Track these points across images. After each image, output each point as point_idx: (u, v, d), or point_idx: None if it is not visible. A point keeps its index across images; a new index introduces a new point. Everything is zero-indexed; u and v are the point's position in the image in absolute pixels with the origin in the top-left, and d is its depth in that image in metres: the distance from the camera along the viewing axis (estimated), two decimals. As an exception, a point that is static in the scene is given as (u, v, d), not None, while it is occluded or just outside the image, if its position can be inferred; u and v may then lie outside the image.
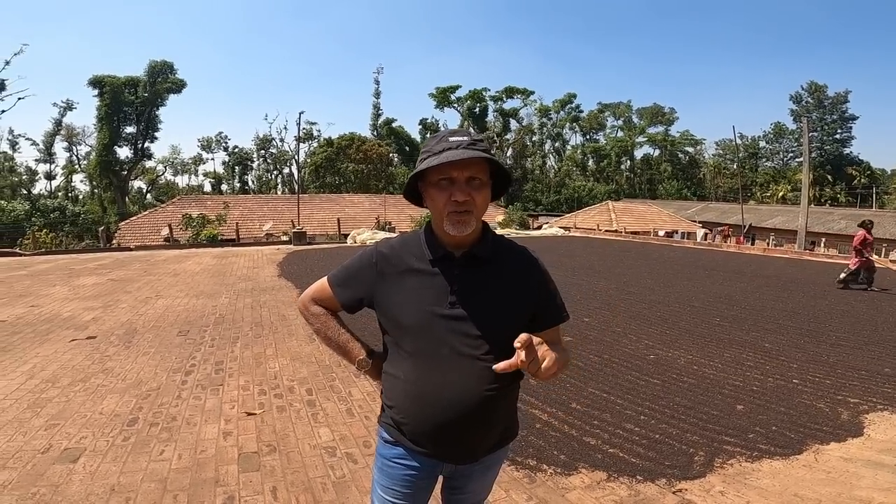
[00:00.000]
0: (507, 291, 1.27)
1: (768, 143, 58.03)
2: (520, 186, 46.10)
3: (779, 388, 4.11)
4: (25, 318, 6.46)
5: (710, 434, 3.24)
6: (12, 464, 2.74)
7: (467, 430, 1.23)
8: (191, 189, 56.24)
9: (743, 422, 3.45)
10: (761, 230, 29.73)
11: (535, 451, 2.96)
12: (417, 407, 1.25)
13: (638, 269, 11.53)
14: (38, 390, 3.89)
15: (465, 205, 1.19)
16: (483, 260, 1.27)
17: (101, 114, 35.53)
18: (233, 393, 3.86)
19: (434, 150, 1.20)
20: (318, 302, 1.42)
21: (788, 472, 2.81)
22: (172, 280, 9.71)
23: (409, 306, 1.25)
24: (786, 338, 5.70)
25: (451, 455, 1.28)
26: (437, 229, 1.27)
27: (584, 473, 2.73)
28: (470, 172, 1.19)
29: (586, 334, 5.70)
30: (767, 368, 4.63)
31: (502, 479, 2.67)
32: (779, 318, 6.67)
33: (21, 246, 16.99)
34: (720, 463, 2.87)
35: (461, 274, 1.25)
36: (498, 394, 1.24)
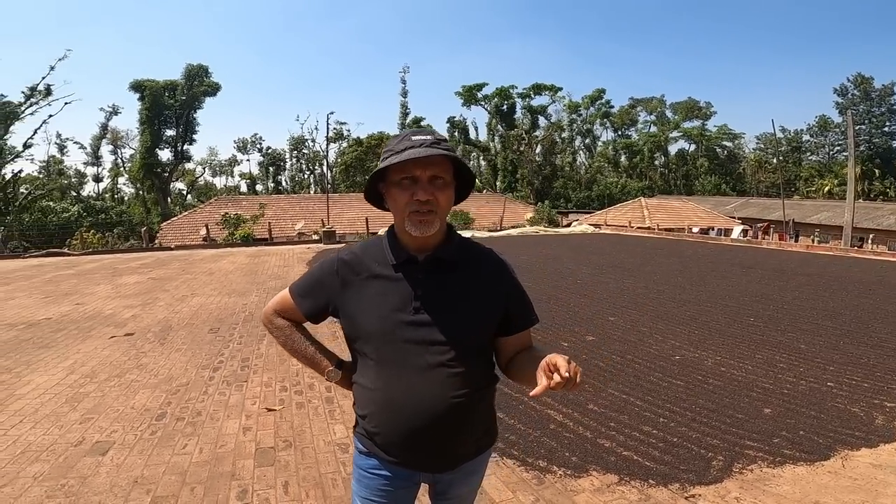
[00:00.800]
0: (473, 295, 1.24)
1: (812, 136, 55.42)
2: (549, 184, 45.54)
3: (811, 391, 3.95)
4: (70, 315, 6.83)
5: (732, 438, 3.14)
6: (45, 456, 2.90)
7: (438, 438, 1.20)
8: (227, 190, 58.04)
9: (769, 426, 3.32)
10: (805, 226, 28.46)
11: (547, 452, 2.94)
12: (385, 416, 1.22)
13: (669, 266, 11.23)
14: (77, 385, 4.11)
15: (428, 204, 1.15)
16: (448, 263, 1.24)
17: (143, 117, 37.01)
18: (256, 389, 3.99)
19: (396, 148, 1.16)
20: (282, 314, 1.39)
21: (811, 478, 2.70)
22: (207, 279, 10.06)
23: (372, 313, 1.22)
24: (824, 339, 5.46)
25: (424, 464, 1.25)
26: (400, 232, 1.24)
27: (594, 476, 2.70)
28: (433, 171, 1.15)
29: (610, 334, 5.60)
30: (801, 370, 4.44)
31: (510, 479, 2.67)
32: (818, 318, 6.38)
33: (69, 246, 17.92)
34: (739, 468, 2.78)
35: (425, 278, 1.22)
36: (468, 400, 1.21)
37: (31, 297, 8.29)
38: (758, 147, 59.13)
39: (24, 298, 8.14)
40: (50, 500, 2.44)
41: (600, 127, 56.83)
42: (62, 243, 19.06)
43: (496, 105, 47.89)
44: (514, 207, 29.40)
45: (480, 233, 20.99)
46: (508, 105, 48.02)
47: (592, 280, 9.28)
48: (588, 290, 8.33)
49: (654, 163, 55.30)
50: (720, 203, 37.75)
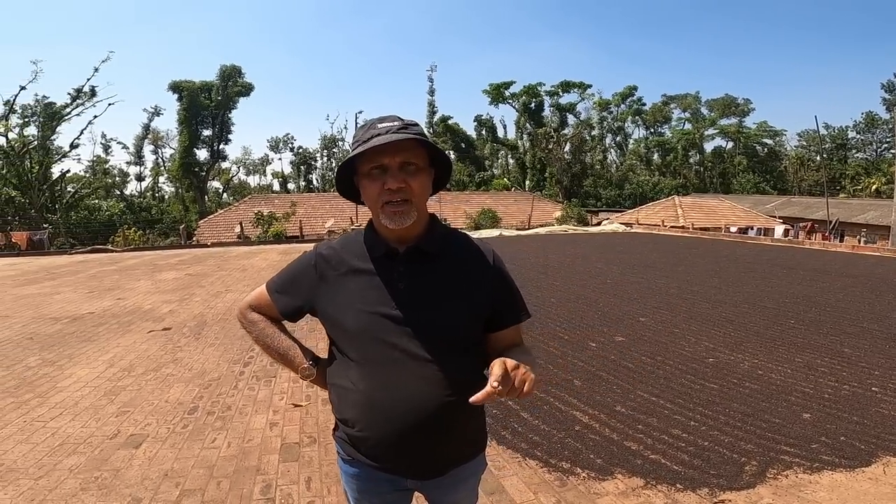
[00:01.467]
0: (459, 288, 1.17)
1: (859, 133, 52.85)
2: (579, 182, 44.86)
3: (854, 397, 3.76)
4: (111, 310, 7.11)
5: (768, 443, 3.02)
6: (82, 449, 3.01)
7: (425, 441, 1.13)
8: (261, 188, 59.47)
9: (808, 431, 3.18)
10: (851, 226, 27.14)
11: (571, 454, 2.89)
12: (371, 418, 1.14)
13: (704, 266, 10.89)
14: (116, 378, 4.27)
15: (400, 192, 1.09)
16: (430, 255, 1.17)
17: (181, 117, 38.24)
18: (283, 385, 4.06)
19: (362, 138, 1.10)
20: (256, 310, 1.34)
21: (850, 485, 2.58)
22: (241, 275, 10.33)
23: (352, 309, 1.15)
24: (869, 342, 5.19)
25: (412, 469, 1.18)
26: (377, 224, 1.18)
27: (619, 479, 2.63)
28: (402, 157, 1.09)
29: (640, 334, 5.47)
30: (844, 375, 4.24)
31: (532, 480, 2.63)
32: (863, 321, 6.08)
33: (112, 243, 18.71)
34: (773, 474, 2.67)
35: (406, 271, 1.15)
36: (457, 400, 1.12)
37: (75, 291, 8.69)
38: (800, 144, 56.82)
39: (69, 293, 8.53)
40: (83, 493, 2.53)
41: (632, 124, 55.72)
42: (106, 240, 19.92)
43: (524, 103, 47.45)
44: (542, 206, 29.10)
45: (508, 231, 20.86)
46: (536, 103, 47.53)
47: (623, 280, 9.09)
48: (618, 289, 8.16)
49: (688, 161, 53.81)
50: (759, 202, 36.41)
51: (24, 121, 29.82)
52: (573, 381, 4.06)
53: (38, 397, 3.85)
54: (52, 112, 29.02)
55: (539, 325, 5.86)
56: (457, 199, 28.19)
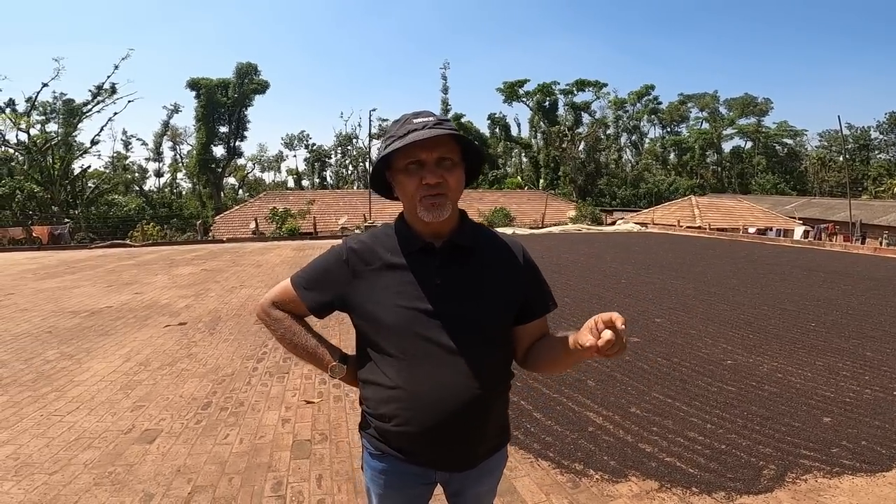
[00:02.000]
0: (493, 281, 1.19)
1: (882, 133, 51.56)
2: (593, 181, 44.45)
3: (877, 401, 3.66)
4: (129, 304, 7.22)
5: (787, 447, 2.95)
6: (97, 443, 3.04)
7: (461, 433, 1.15)
8: (275, 185, 60.01)
9: (828, 435, 3.11)
10: (873, 228, 26.52)
11: (584, 455, 2.85)
12: (411, 413, 1.14)
13: (721, 267, 10.71)
14: (132, 373, 4.32)
15: (438, 187, 1.10)
16: (465, 249, 1.18)
17: (199, 115, 38.73)
18: (296, 381, 4.07)
19: (398, 133, 1.11)
20: (280, 306, 1.28)
21: (870, 489, 2.52)
22: (255, 271, 10.43)
23: (390, 305, 1.15)
24: (892, 346, 5.05)
25: (447, 462, 1.20)
26: (411, 219, 1.18)
27: (633, 481, 2.59)
28: (439, 153, 1.10)
29: (656, 335, 5.39)
30: (866, 379, 4.13)
31: (544, 481, 2.60)
32: (885, 325, 5.92)
33: (131, 238, 19.01)
34: (792, 478, 2.61)
35: (443, 266, 1.16)
36: (492, 393, 1.17)
37: (94, 285, 8.84)
38: (821, 144, 55.64)
39: (88, 287, 8.69)
40: (97, 488, 2.55)
41: (648, 123, 55.07)
42: (125, 235, 20.25)
43: (538, 101, 47.15)
44: (556, 205, 28.91)
45: (521, 230, 20.76)
46: (551, 101, 47.18)
47: (638, 280, 8.98)
48: (633, 290, 8.06)
49: (705, 160, 53.03)
50: (779, 203, 35.75)
51: (44, 117, 30.44)
52: (587, 382, 4.01)
53: (56, 391, 3.90)
54: (71, 109, 29.55)
55: (553, 324, 5.71)
56: (470, 196, 28.09)
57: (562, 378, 4.06)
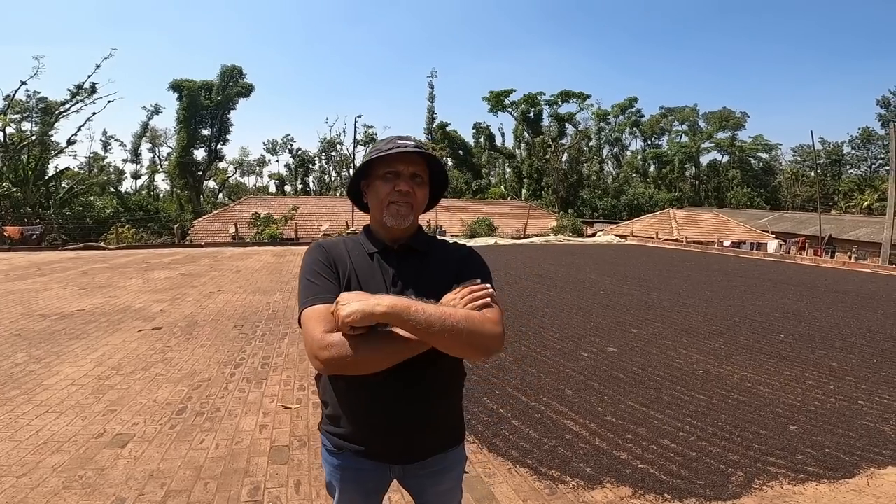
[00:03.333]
0: (441, 277, 1.28)
1: (855, 148, 53.45)
2: (575, 192, 45.04)
3: (841, 410, 3.81)
4: (102, 308, 7.06)
5: (754, 454, 3.05)
6: (67, 447, 2.97)
7: (411, 424, 1.25)
8: (257, 189, 59.32)
9: (794, 443, 3.22)
10: (843, 242, 27.42)
11: (561, 462, 2.89)
12: (357, 402, 1.25)
13: (696, 280, 10.96)
14: (104, 377, 4.23)
15: (407, 196, 1.26)
16: (419, 252, 1.33)
17: (180, 116, 38.02)
18: (274, 387, 4.04)
19: (384, 148, 1.27)
20: (334, 330, 1.13)
21: (834, 495, 2.62)
22: (234, 276, 10.29)
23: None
24: (857, 357, 5.25)
25: (397, 454, 1.27)
26: (376, 224, 1.33)
27: (608, 488, 2.64)
28: (414, 169, 1.27)
29: (632, 346, 5.49)
30: (831, 388, 4.28)
31: (522, 488, 2.63)
32: (851, 337, 6.14)
33: (105, 240, 18.57)
34: (759, 484, 2.70)
35: (399, 263, 1.30)
36: (441, 386, 1.28)
37: (66, 288, 8.62)
38: (794, 159, 57.42)
39: (59, 290, 8.47)
40: (66, 492, 2.50)
41: (629, 136, 56.09)
42: (99, 237, 19.77)
43: (523, 112, 47.62)
44: (538, 216, 29.19)
45: (503, 240, 20.90)
46: (535, 112, 47.69)
47: (616, 291, 9.13)
48: (611, 301, 8.19)
49: (684, 173, 54.21)
50: (753, 216, 36.72)
51: (19, 116, 29.62)
52: (565, 391, 4.07)
53: (24, 394, 3.81)
54: (47, 107, 28.82)
55: (532, 334, 5.87)
56: (453, 206, 28.22)
57: (540, 386, 4.12)
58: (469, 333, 1.11)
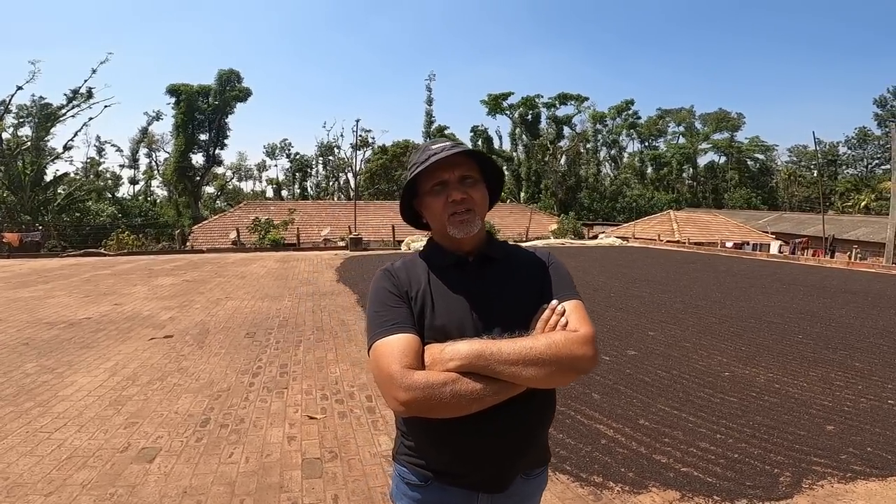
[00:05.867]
0: (529, 289, 1.20)
1: (851, 148, 53.80)
2: (573, 195, 45.09)
3: (873, 410, 3.76)
4: (109, 315, 6.96)
5: (797, 455, 3.00)
6: (93, 462, 2.87)
7: (512, 453, 1.14)
8: (255, 194, 59.17)
9: (834, 442, 3.18)
10: (843, 242, 27.51)
11: (601, 468, 2.82)
12: (451, 430, 1.08)
13: (704, 281, 10.92)
14: (120, 388, 4.13)
15: (464, 203, 1.15)
16: (497, 261, 1.22)
17: (178, 121, 37.86)
18: (296, 397, 3.95)
19: (420, 160, 1.17)
20: (414, 364, 1.05)
21: (886, 493, 2.58)
22: (240, 282, 10.19)
23: (436, 321, 1.14)
24: (878, 357, 5.20)
25: (491, 483, 1.15)
26: (442, 238, 1.22)
27: (654, 492, 2.58)
28: (461, 171, 1.16)
29: (652, 349, 5.43)
30: (860, 388, 4.23)
31: (566, 495, 2.56)
32: (869, 337, 6.09)
33: (106, 246, 18.42)
34: (809, 484, 2.66)
35: (479, 276, 1.19)
36: (545, 403, 1.18)
37: (70, 296, 8.50)
38: (790, 160, 57.72)
39: (63, 297, 8.35)
40: (99, 510, 2.40)
41: (627, 138, 56.24)
42: (98, 243, 19.62)
43: (521, 114, 47.72)
44: (538, 218, 29.18)
45: (506, 242, 20.82)
46: (533, 115, 47.79)
47: (626, 293, 9.07)
48: (622, 303, 8.14)
49: (682, 175, 54.38)
50: (752, 217, 36.84)
51: (18, 121, 29.43)
52: (592, 395, 4.00)
53: (39, 406, 3.70)
54: (45, 113, 28.66)
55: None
56: (453, 209, 28.18)
57: (566, 391, 4.04)
58: (555, 362, 1.04)
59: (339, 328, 6.32)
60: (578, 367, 1.07)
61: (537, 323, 1.12)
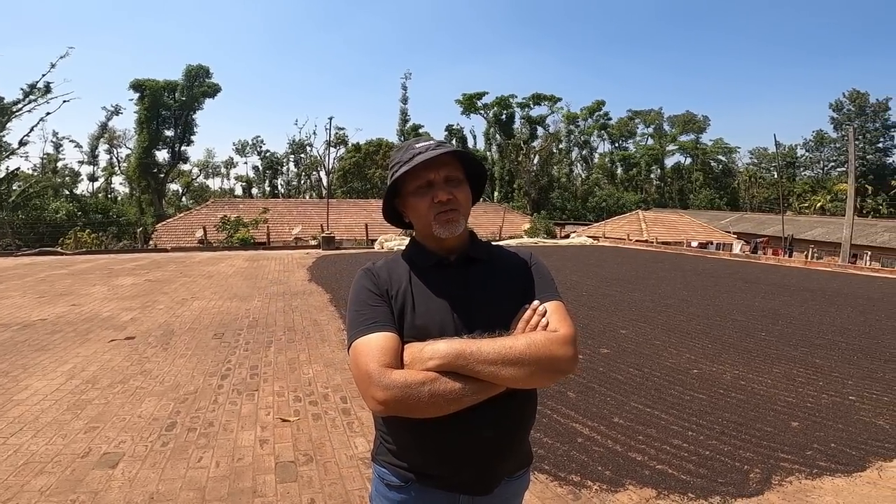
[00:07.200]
0: (510, 289, 1.19)
1: (808, 151, 56.18)
2: (546, 194, 45.62)
3: (835, 405, 3.91)
4: (66, 316, 6.64)
5: (765, 451, 3.09)
6: (51, 468, 2.73)
7: (495, 454, 1.12)
8: (223, 192, 57.68)
9: (799, 439, 3.28)
10: (800, 242, 28.72)
11: (579, 467, 2.84)
12: (431, 430, 1.06)
13: (672, 280, 11.20)
14: (79, 391, 3.94)
15: (450, 203, 1.14)
16: (479, 261, 1.21)
17: (141, 117, 36.58)
18: (268, 399, 3.85)
19: (403, 159, 1.15)
20: (389, 364, 1.03)
21: (852, 489, 2.67)
22: (207, 282, 9.89)
23: (410, 322, 1.12)
24: (837, 354, 5.42)
25: (473, 485, 1.14)
26: (425, 239, 1.21)
27: (631, 490, 2.61)
28: (446, 172, 1.15)
29: (624, 347, 5.52)
30: (821, 385, 4.39)
31: (545, 494, 2.56)
32: (827, 334, 6.35)
33: (63, 245, 17.62)
34: (778, 480, 2.74)
35: (461, 277, 1.18)
36: (527, 403, 1.17)
37: (24, 296, 8.09)
38: (751, 162, 59.87)
39: (17, 298, 7.94)
40: (61, 516, 2.28)
41: (598, 139, 57.26)
42: (54, 242, 18.75)
43: (495, 114, 47.99)
44: (511, 218, 29.40)
45: (479, 241, 20.89)
46: (507, 115, 48.11)
47: (598, 292, 9.21)
48: (595, 302, 8.25)
49: (650, 175, 55.71)
50: (715, 217, 38.03)
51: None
52: (567, 393, 4.03)
53: (-7, 411, 3.50)
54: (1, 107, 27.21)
55: (523, 335, 5.82)
56: (426, 208, 28.10)
57: (543, 390, 4.05)
58: (534, 362, 1.03)
59: (311, 328, 6.19)
60: (558, 367, 1.07)
61: (518, 323, 1.13)
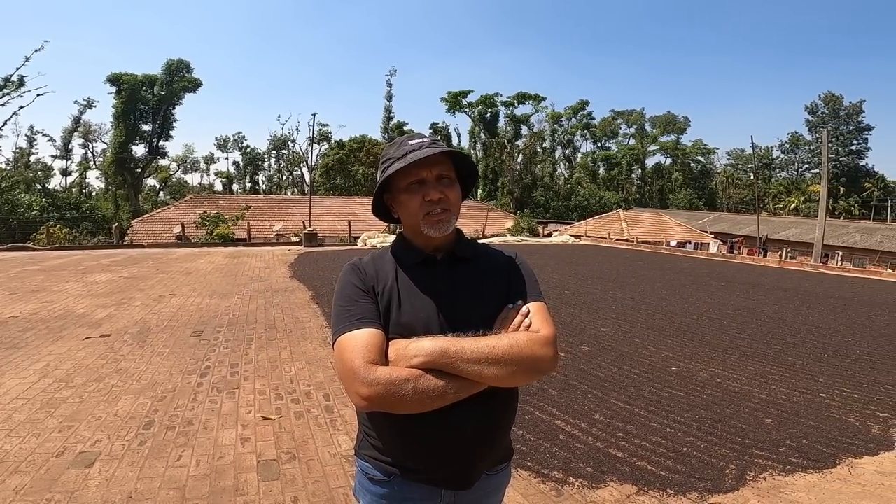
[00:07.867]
0: (494, 289, 1.20)
1: (784, 153, 57.60)
2: (529, 193, 45.91)
3: (806, 402, 4.02)
4: (38, 314, 6.46)
5: (740, 447, 3.16)
6: (25, 467, 2.67)
7: (477, 450, 1.13)
8: (202, 188, 56.67)
9: (773, 435, 3.37)
10: (775, 242, 29.45)
11: (561, 463, 2.88)
12: (414, 425, 1.08)
13: (652, 279, 11.38)
14: (52, 390, 3.85)
15: (441, 202, 1.14)
16: (465, 260, 1.22)
17: (118, 111, 35.79)
18: (249, 397, 3.80)
19: (396, 155, 1.15)
20: (377, 360, 1.05)
21: (823, 485, 2.75)
22: (185, 279, 9.71)
23: (410, 315, 1.13)
24: (809, 352, 5.58)
25: (455, 480, 1.15)
26: (414, 237, 1.21)
27: (612, 486, 2.65)
28: (438, 170, 1.15)
29: (604, 345, 5.59)
30: (793, 382, 4.52)
31: (528, 491, 2.59)
32: (800, 332, 6.53)
33: (35, 241, 17.12)
34: (753, 476, 2.81)
35: (447, 276, 1.18)
36: (508, 399, 1.19)
37: (-5, 293, 7.84)
38: (729, 163, 61.11)
39: (-13, 295, 7.69)
40: (35, 517, 2.23)
41: (581, 138, 57.80)
42: (26, 237, 18.20)
43: (480, 113, 48.10)
44: (495, 216, 29.49)
45: (462, 240, 20.93)
46: (492, 113, 48.27)
47: (580, 291, 9.32)
48: (577, 300, 8.35)
49: (631, 175, 56.47)
50: (693, 217, 38.74)
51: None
52: (549, 391, 4.07)
53: (-38, 411, 3.39)
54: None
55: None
56: (409, 205, 28.02)
57: (525, 388, 4.09)
58: (516, 361, 1.05)
59: (293, 326, 6.14)
60: (539, 367, 1.10)
61: (501, 322, 1.15)
